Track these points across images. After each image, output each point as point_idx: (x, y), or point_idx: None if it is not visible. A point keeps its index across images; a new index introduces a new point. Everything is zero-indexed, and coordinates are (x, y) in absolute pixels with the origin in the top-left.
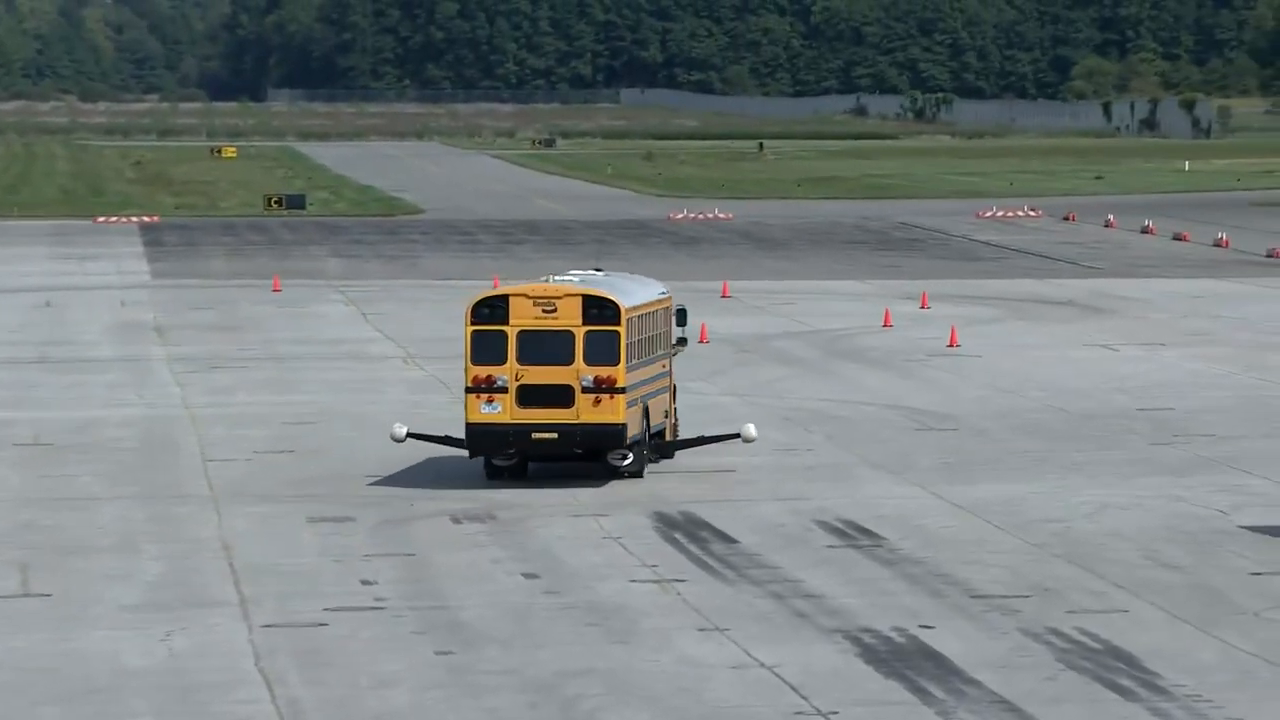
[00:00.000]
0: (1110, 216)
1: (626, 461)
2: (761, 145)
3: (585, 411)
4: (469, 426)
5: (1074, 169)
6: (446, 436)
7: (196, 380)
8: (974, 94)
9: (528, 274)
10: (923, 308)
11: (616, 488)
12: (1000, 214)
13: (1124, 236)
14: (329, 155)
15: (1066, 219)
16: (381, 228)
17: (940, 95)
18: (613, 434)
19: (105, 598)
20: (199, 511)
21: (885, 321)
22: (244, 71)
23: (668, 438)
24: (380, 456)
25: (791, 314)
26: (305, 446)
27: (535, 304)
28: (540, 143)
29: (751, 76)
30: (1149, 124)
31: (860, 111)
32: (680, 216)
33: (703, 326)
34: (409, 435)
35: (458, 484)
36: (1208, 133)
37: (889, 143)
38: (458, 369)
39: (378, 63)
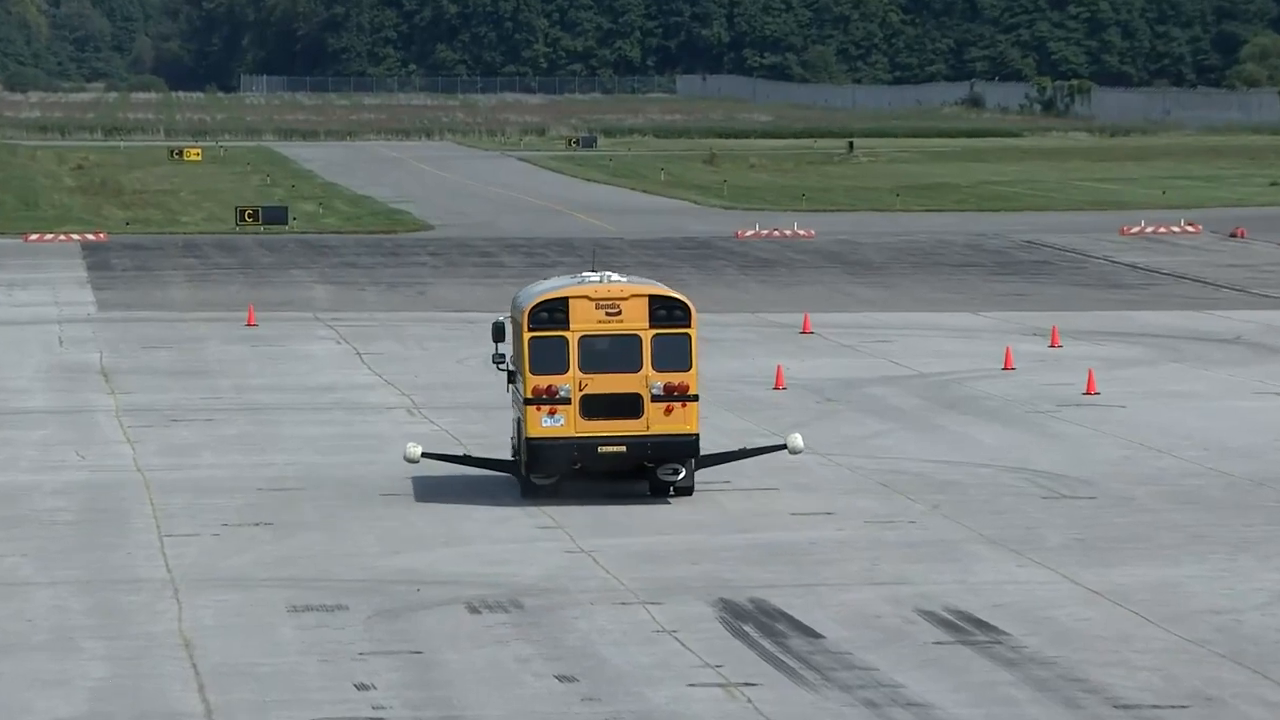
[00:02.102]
0: None
1: (679, 477)
2: (851, 145)
3: (656, 422)
4: (529, 442)
5: (1244, 173)
6: (466, 455)
7: (152, 437)
8: (1118, 81)
9: None
10: (1053, 346)
11: (671, 566)
12: (1150, 230)
13: None
14: (316, 158)
15: (1234, 236)
16: (381, 248)
17: (1075, 83)
18: (686, 445)
19: (37, 708)
20: (153, 600)
21: (1006, 363)
22: (211, 54)
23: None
24: (381, 529)
25: (888, 354)
26: (286, 519)
27: (598, 306)
28: (577, 142)
29: (839, 60)
30: None
31: (975, 103)
32: (751, 233)
33: (778, 369)
34: (424, 456)
35: (476, 560)
36: None
37: (1010, 141)
38: (477, 421)
39: (376, 44)
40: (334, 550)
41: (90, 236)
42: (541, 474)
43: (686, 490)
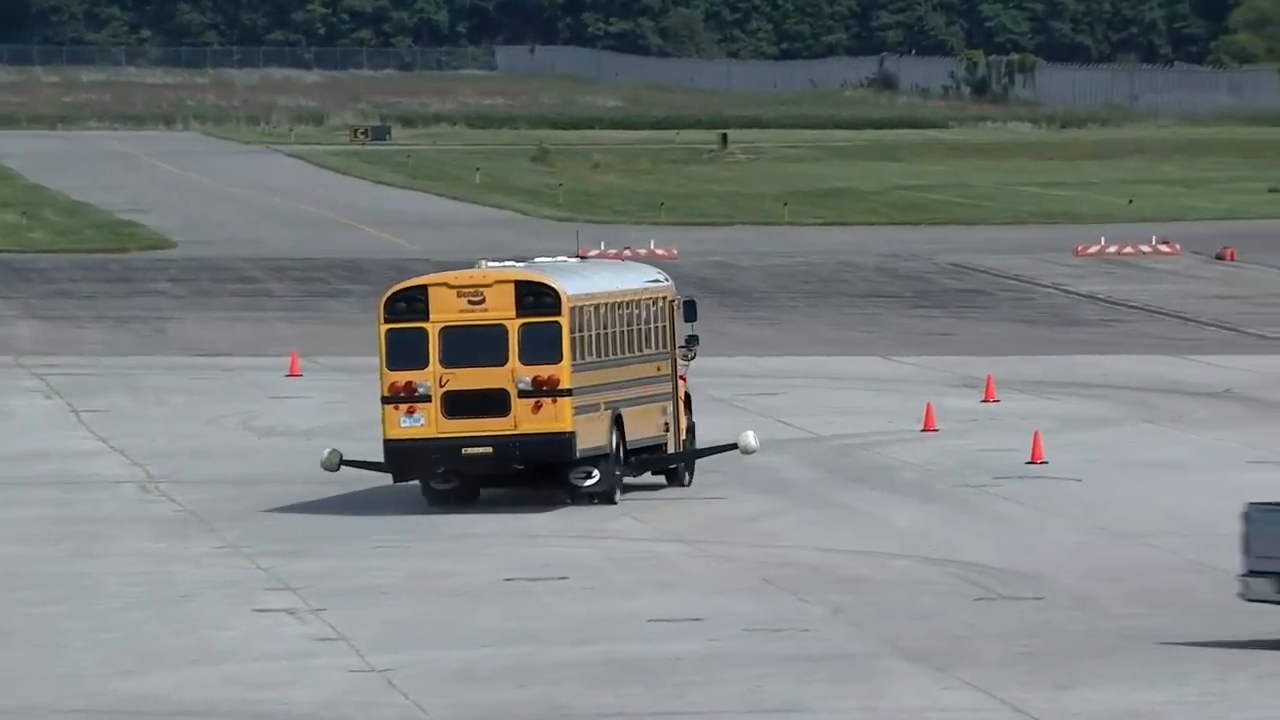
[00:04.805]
0: None
1: (591, 481)
2: (725, 138)
3: (524, 420)
4: (387, 444)
5: (1234, 176)
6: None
7: None
8: (1071, 55)
9: (340, 345)
10: (987, 401)
11: (491, 689)
12: (1114, 250)
13: None
14: (15, 151)
15: (1221, 257)
16: (106, 271)
17: (1016, 58)
18: (557, 444)
19: None
20: None
21: (927, 424)
22: None
23: (672, 450)
24: (106, 642)
25: (775, 411)
26: None
27: (460, 294)
28: (366, 133)
29: (709, 26)
30: None
31: (886, 83)
32: (595, 252)
33: None
34: (344, 464)
35: (233, 683)
36: None
37: (932, 134)
38: (235, 499)
39: (97, 1)
40: (41, 671)
41: None
42: (403, 478)
43: (607, 498)
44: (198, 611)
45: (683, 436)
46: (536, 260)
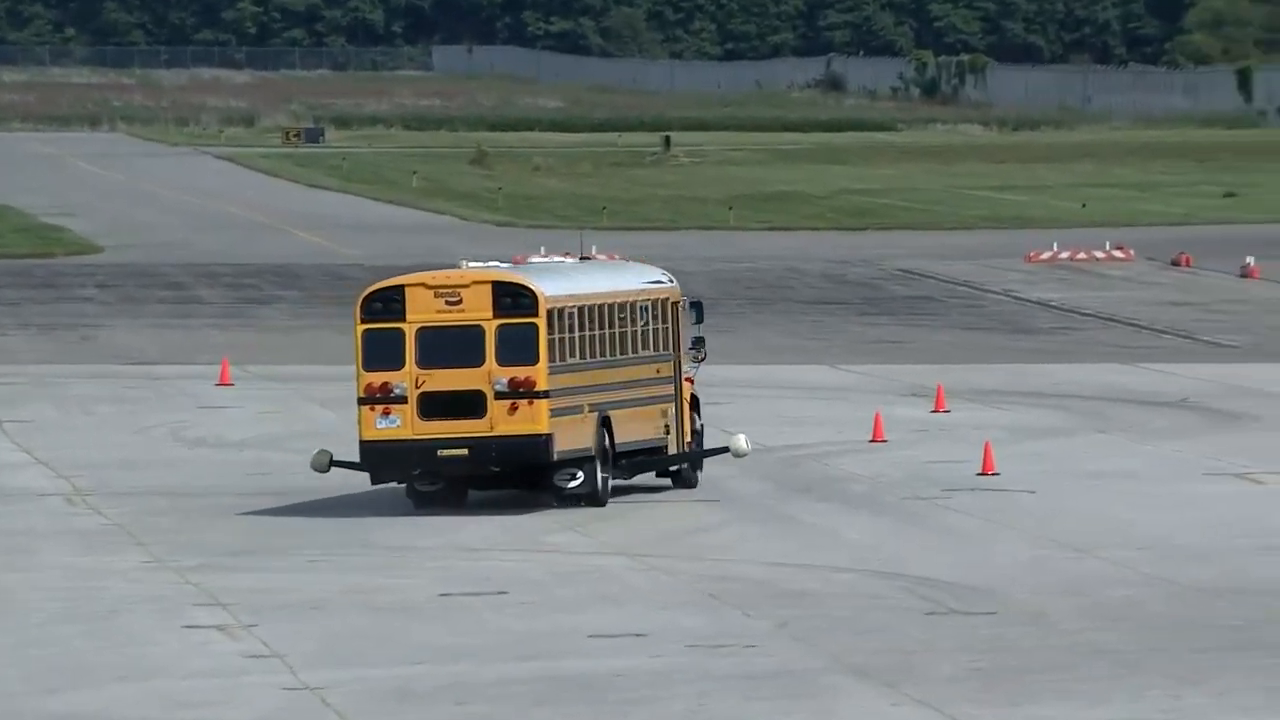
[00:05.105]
0: (1250, 260)
1: (575, 483)
2: (669, 141)
3: (500, 421)
4: (362, 445)
5: (1190, 180)
6: None
7: None
8: (1023, 56)
9: (272, 353)
10: (938, 411)
11: (429, 708)
12: (1067, 256)
13: (1275, 293)
14: None
15: (1177, 264)
16: (30, 277)
17: (967, 58)
18: (533, 446)
19: None
20: None
21: (876, 434)
22: None
23: (672, 451)
24: (32, 659)
25: (721, 421)
26: None
27: (437, 295)
28: (299, 135)
29: (652, 26)
30: None
31: (834, 84)
32: (536, 258)
33: None
34: (334, 464)
35: (163, 702)
36: None
37: (881, 137)
38: (166, 511)
39: None
40: None
41: None
42: (380, 480)
43: (593, 499)
44: (126, 627)
45: (688, 439)
46: (532, 260)
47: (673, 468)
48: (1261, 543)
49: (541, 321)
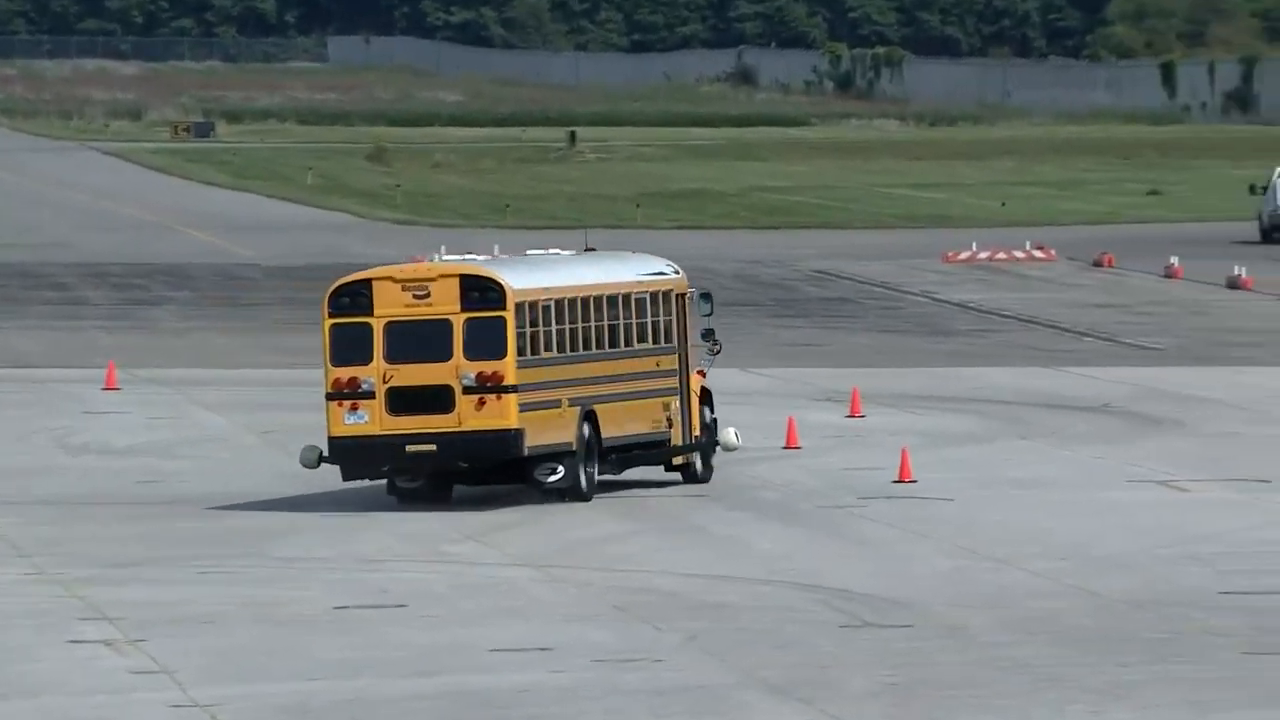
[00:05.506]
0: (1174, 260)
1: (555, 477)
2: (574, 136)
3: (469, 417)
4: (331, 441)
5: (1113, 177)
6: None
7: None
8: (940, 50)
9: (162, 356)
10: (853, 416)
11: None
12: (985, 256)
13: (1199, 294)
14: None
15: (1099, 264)
16: None
17: (882, 51)
18: (501, 441)
19: None
20: None
21: (789, 440)
22: None
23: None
24: None
25: None
26: None
27: (404, 289)
28: (188, 129)
29: (556, 17)
30: (1239, 100)
31: (744, 78)
32: (436, 259)
33: None
34: (321, 460)
35: None
36: None
37: (793, 132)
38: (50, 520)
39: None
40: None
41: None
42: (350, 477)
43: (575, 494)
44: (8, 643)
45: (697, 433)
46: (528, 253)
47: (679, 462)
48: (1184, 551)
49: (510, 315)
